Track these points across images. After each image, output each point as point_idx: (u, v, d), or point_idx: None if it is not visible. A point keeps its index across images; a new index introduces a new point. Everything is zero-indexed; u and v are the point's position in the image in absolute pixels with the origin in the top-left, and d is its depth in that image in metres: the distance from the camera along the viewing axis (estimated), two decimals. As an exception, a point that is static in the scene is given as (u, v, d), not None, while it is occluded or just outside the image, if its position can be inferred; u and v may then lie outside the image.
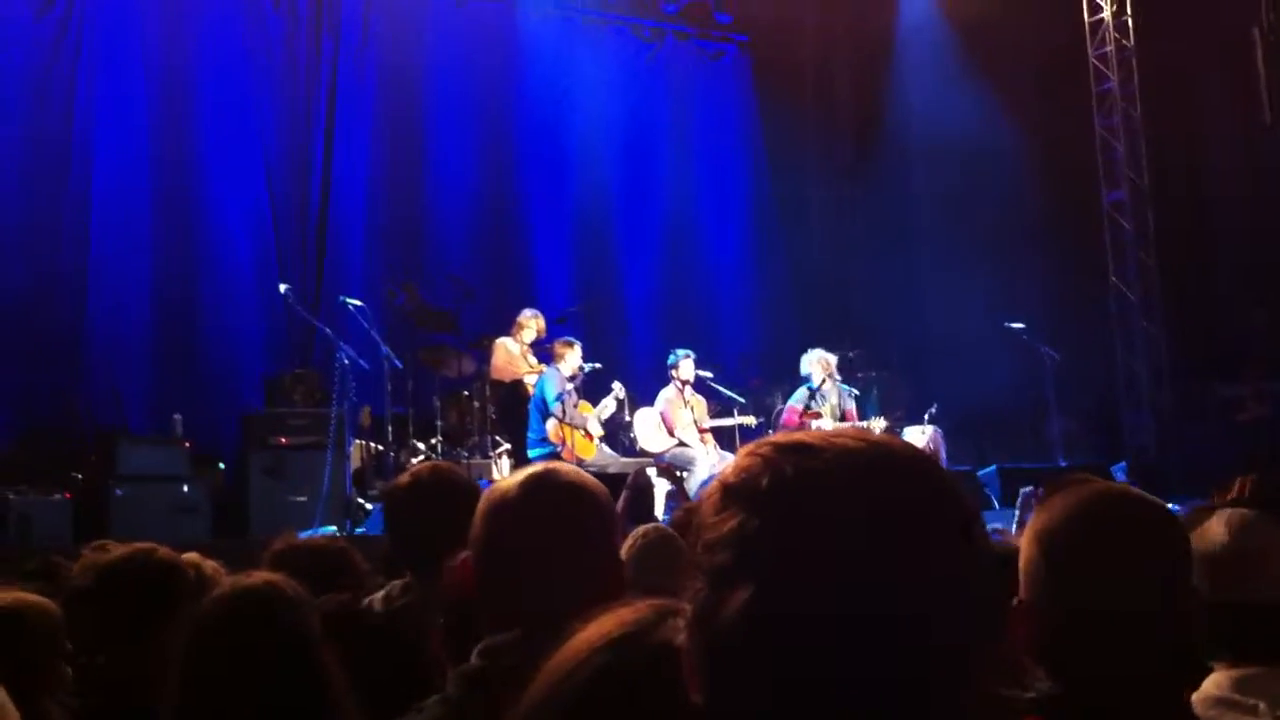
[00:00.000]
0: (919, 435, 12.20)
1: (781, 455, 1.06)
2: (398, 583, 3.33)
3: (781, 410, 12.05)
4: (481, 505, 2.08)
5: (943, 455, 12.25)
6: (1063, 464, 11.82)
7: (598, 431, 11.09)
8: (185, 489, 9.42)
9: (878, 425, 11.30)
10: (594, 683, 1.26)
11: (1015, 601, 1.87)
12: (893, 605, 0.99)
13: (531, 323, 11.51)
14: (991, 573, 1.08)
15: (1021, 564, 1.89)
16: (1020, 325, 12.60)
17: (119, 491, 9.09)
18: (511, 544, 2.02)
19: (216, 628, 2.53)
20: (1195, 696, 2.14)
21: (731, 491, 1.06)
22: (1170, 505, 4.19)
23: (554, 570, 1.97)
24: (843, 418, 11.60)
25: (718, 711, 1.04)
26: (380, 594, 3.35)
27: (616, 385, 11.31)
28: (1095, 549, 1.81)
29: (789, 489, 1.03)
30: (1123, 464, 11.99)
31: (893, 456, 1.07)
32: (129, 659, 3.17)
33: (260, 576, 2.65)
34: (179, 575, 3.40)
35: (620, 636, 1.25)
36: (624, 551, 3.40)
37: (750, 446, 1.11)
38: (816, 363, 11.88)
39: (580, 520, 2.03)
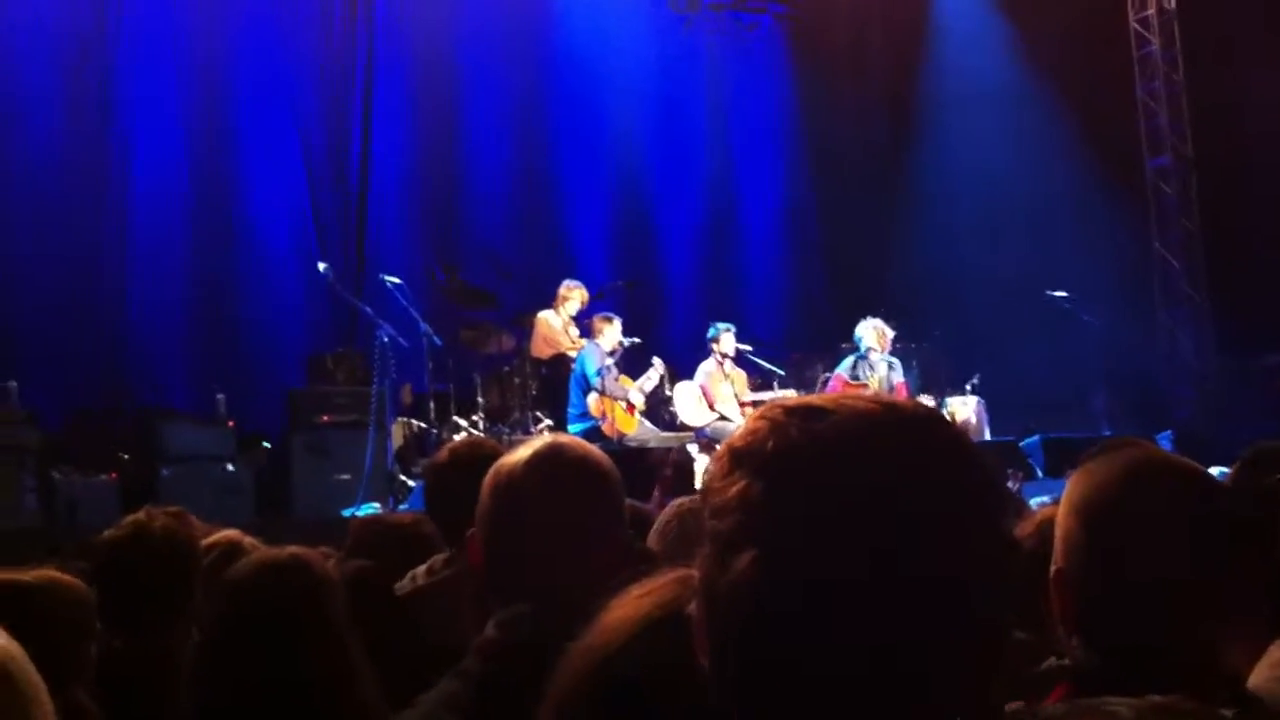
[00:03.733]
0: (962, 406, 12.13)
1: (789, 418, 1.04)
2: (439, 557, 3.35)
3: (828, 378, 12.00)
4: (488, 480, 2.07)
5: (985, 426, 12.19)
6: (1107, 434, 11.71)
7: (639, 403, 11.09)
8: (230, 468, 9.51)
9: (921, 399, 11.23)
10: (639, 660, 1.25)
11: (1053, 570, 1.82)
12: (897, 573, 0.97)
13: (574, 294, 11.49)
14: (1007, 542, 1.05)
15: (1058, 532, 1.84)
16: (1063, 294, 12.48)
17: (165, 472, 9.19)
18: (518, 519, 2.01)
19: (240, 597, 2.54)
20: (1262, 664, 2.10)
21: (738, 456, 1.04)
22: (1218, 471, 4.13)
23: (560, 544, 1.97)
24: (891, 390, 11.49)
25: (721, 678, 1.03)
26: (423, 568, 3.37)
27: (656, 361, 11.29)
28: (1135, 517, 1.76)
29: (794, 453, 1.01)
30: (1168, 433, 11.87)
31: (905, 420, 1.04)
32: (146, 637, 3.16)
33: (289, 551, 2.66)
34: (180, 547, 3.37)
35: (662, 617, 1.24)
36: (663, 522, 3.41)
37: (760, 410, 1.09)
38: (871, 331, 11.81)
39: (586, 494, 2.03)
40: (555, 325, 11.38)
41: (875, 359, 11.71)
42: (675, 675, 1.10)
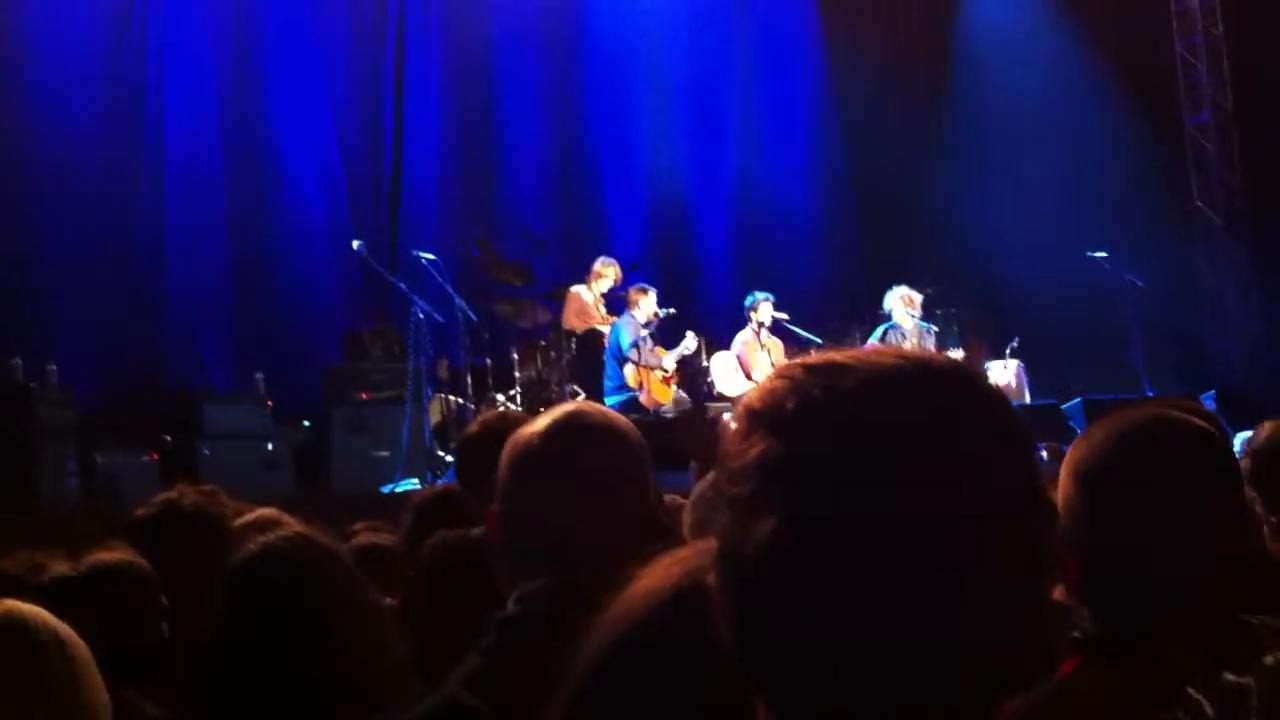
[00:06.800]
0: (1001, 370, 12.03)
1: (810, 376, 0.98)
2: (478, 530, 3.33)
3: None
4: (505, 452, 1.99)
5: (1026, 390, 12.09)
6: (1150, 394, 11.58)
7: (671, 368, 11.06)
8: (269, 446, 9.55)
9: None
10: (665, 630, 1.22)
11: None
12: (929, 539, 0.91)
13: (609, 271, 11.45)
14: (1041, 504, 0.98)
15: (1059, 498, 1.79)
16: (1103, 254, 12.35)
17: (205, 450, 9.24)
18: (537, 489, 1.93)
19: (236, 584, 2.49)
20: None
21: (756, 416, 0.99)
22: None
23: (582, 514, 1.89)
24: (923, 356, 11.40)
25: (744, 649, 0.98)
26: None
27: (689, 334, 11.24)
28: (1130, 478, 1.72)
29: (816, 412, 0.95)
30: (1211, 392, 11.72)
31: (933, 376, 0.98)
32: (179, 615, 3.12)
33: (290, 530, 2.62)
34: (212, 524, 3.33)
35: (690, 586, 1.20)
36: (693, 494, 3.37)
37: (780, 368, 1.03)
38: (899, 299, 11.76)
39: (607, 463, 1.94)
40: (587, 300, 11.35)
41: (908, 327, 11.64)
42: (702, 645, 1.05)
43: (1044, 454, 9.10)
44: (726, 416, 10.51)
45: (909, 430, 0.94)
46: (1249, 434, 4.07)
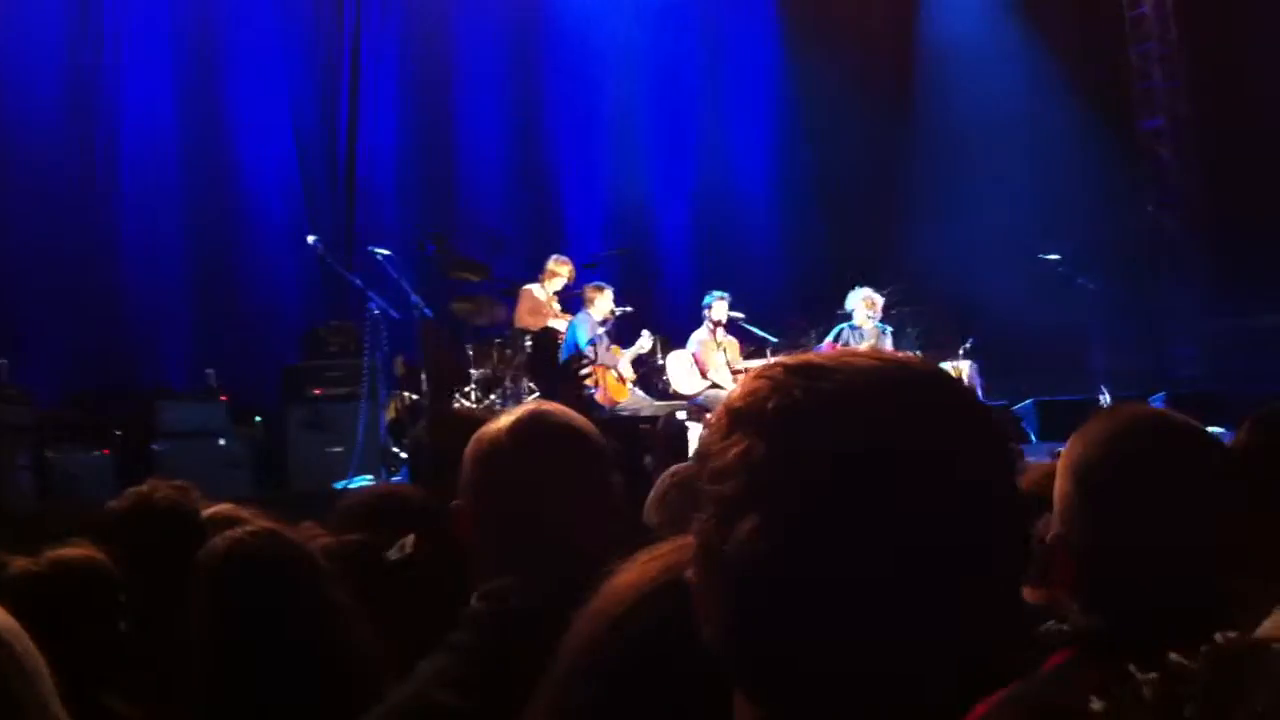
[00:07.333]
0: (955, 370, 12.12)
1: (790, 376, 0.99)
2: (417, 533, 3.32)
3: (819, 349, 11.96)
4: (470, 450, 2.04)
5: (979, 389, 12.17)
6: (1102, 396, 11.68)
7: (628, 374, 11.07)
8: (223, 443, 9.50)
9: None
10: (647, 626, 1.24)
11: (1051, 535, 1.80)
12: (907, 536, 0.92)
13: (563, 269, 11.43)
14: (1017, 502, 1.01)
15: (1055, 496, 1.82)
16: (1056, 257, 12.44)
17: (157, 447, 9.18)
18: (503, 486, 1.98)
19: (214, 585, 2.49)
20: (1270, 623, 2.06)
21: (737, 416, 1.00)
22: (1220, 431, 4.07)
23: (547, 512, 1.94)
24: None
25: (726, 644, 0.99)
26: (411, 537, 3.35)
27: (645, 334, 11.25)
28: (1129, 477, 1.74)
29: (797, 412, 0.96)
30: (1160, 395, 11.84)
31: (912, 376, 0.99)
32: (151, 613, 3.10)
33: (257, 526, 2.61)
34: (184, 519, 3.31)
35: (670, 581, 1.22)
36: (656, 491, 3.38)
37: (759, 368, 1.04)
38: (861, 301, 11.80)
39: (571, 460, 1.99)
40: (540, 298, 11.32)
41: (867, 328, 11.71)
42: (684, 638, 1.06)
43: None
44: (680, 415, 10.54)
45: (890, 430, 0.96)
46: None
